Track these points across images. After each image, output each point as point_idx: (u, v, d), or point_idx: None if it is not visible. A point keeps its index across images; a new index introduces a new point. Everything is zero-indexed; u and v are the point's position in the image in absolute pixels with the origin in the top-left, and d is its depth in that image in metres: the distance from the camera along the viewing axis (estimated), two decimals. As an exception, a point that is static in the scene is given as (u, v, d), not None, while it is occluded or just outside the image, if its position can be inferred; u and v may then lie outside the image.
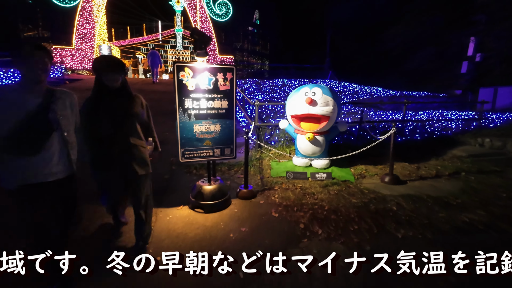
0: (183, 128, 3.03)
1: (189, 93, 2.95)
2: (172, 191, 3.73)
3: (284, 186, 3.88)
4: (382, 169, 4.59)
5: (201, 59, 2.90)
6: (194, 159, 3.18)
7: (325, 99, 3.88)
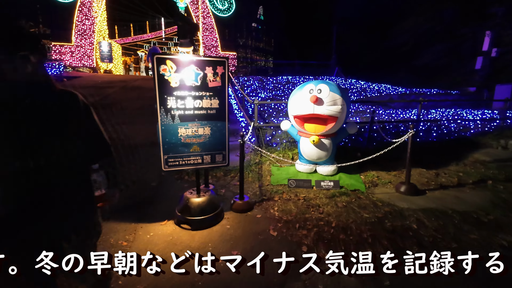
0: (165, 131, 2.59)
1: (172, 91, 2.51)
2: (159, 201, 3.30)
3: (285, 196, 3.43)
4: (396, 175, 4.10)
5: (185, 50, 2.45)
6: (180, 167, 2.74)
7: (333, 97, 3.40)
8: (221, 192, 3.60)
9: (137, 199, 3.29)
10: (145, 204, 3.19)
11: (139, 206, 3.13)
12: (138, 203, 3.21)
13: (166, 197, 3.39)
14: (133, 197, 3.35)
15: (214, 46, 16.32)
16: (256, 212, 3.08)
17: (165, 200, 3.31)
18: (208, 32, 16.20)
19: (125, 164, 4.27)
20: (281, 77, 14.79)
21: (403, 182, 3.60)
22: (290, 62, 19.06)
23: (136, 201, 3.25)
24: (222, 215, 2.97)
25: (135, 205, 3.16)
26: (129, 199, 3.30)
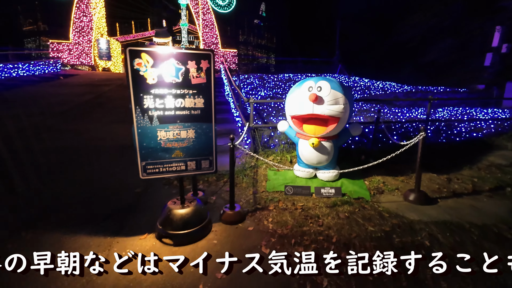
0: (143, 135, 2.27)
1: (149, 88, 2.19)
2: (141, 210, 3.00)
3: (281, 204, 3.10)
4: (404, 181, 3.75)
5: (161, 41, 2.12)
6: (160, 175, 2.43)
7: (334, 95, 3.06)
8: (211, 199, 3.29)
9: (116, 208, 2.99)
10: (125, 214, 2.88)
11: (118, 216, 2.83)
12: (117, 212, 2.91)
13: (150, 205, 3.09)
14: (111, 205, 3.05)
15: (214, 43, 15.98)
16: (248, 223, 2.77)
17: (149, 209, 3.01)
18: (208, 29, 15.86)
19: (108, 167, 3.98)
20: (283, 75, 14.42)
21: (412, 189, 3.25)
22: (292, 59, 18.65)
23: (115, 209, 2.95)
24: (210, 228, 2.66)
25: (113, 214, 2.86)
26: (107, 207, 3.01)
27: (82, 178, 3.68)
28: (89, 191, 3.37)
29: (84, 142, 4.94)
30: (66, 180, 3.62)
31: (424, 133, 3.03)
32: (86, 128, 5.67)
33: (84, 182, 3.57)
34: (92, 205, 3.06)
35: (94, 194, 3.29)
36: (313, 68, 17.11)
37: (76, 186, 3.46)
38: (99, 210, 2.95)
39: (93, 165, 4.11)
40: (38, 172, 3.75)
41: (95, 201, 3.14)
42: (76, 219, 2.75)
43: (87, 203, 3.08)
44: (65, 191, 3.33)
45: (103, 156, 4.38)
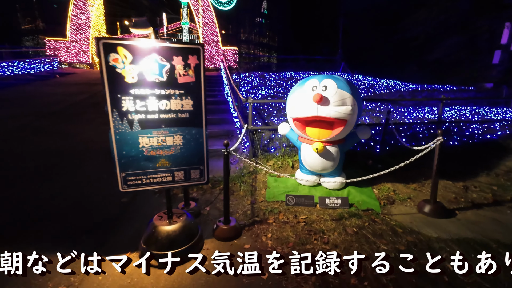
0: (122, 142, 1.97)
1: (128, 88, 1.89)
2: (127, 223, 2.71)
3: (282, 217, 2.80)
4: (417, 189, 3.43)
5: (140, 32, 1.81)
6: (143, 187, 2.13)
7: (341, 95, 2.74)
8: (204, 210, 2.99)
9: (98, 220, 2.70)
10: (107, 228, 2.59)
11: (99, 230, 2.54)
12: (99, 225, 2.62)
13: (136, 217, 2.79)
14: (94, 217, 2.76)
15: (215, 41, 15.65)
16: (245, 240, 2.47)
17: (135, 221, 2.71)
18: (208, 26, 15.52)
19: (95, 173, 3.69)
20: (284, 73, 14.08)
21: (427, 200, 2.93)
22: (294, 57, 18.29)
23: (97, 222, 2.66)
24: (201, 246, 2.36)
25: (94, 228, 2.57)
26: (89, 219, 2.71)
27: (66, 185, 3.39)
28: (72, 199, 3.08)
29: (73, 145, 4.65)
30: (48, 187, 3.33)
31: (441, 137, 2.71)
32: (76, 130, 5.38)
33: (67, 190, 3.29)
34: (73, 216, 2.77)
35: (77, 204, 3.01)
36: (315, 66, 16.75)
37: (58, 195, 3.17)
38: (79, 223, 2.66)
39: (79, 170, 3.82)
40: (18, 178, 3.47)
41: (77, 212, 2.85)
42: (51, 234, 2.46)
43: (67, 215, 2.79)
44: (45, 200, 3.05)
45: (91, 161, 4.10)
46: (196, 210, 2.88)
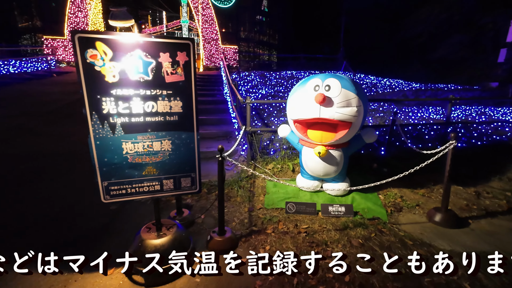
0: (103, 147, 1.78)
1: (109, 88, 1.69)
2: (114, 234, 2.51)
3: (282, 226, 2.60)
4: (425, 195, 3.23)
5: (119, 25, 1.61)
6: (128, 197, 1.94)
7: (346, 95, 2.54)
8: (199, 218, 2.80)
9: (84, 231, 2.51)
10: (93, 239, 2.40)
11: (84, 242, 2.35)
12: (84, 236, 2.43)
13: (125, 227, 2.60)
14: (79, 227, 2.56)
15: (214, 39, 15.43)
16: (241, 253, 2.27)
17: (123, 232, 2.52)
18: (207, 24, 15.30)
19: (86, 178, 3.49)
20: (285, 72, 13.86)
21: (438, 208, 2.73)
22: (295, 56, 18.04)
23: (83, 233, 2.47)
24: (193, 260, 2.17)
25: (78, 240, 2.38)
26: (74, 229, 2.52)
27: (53, 191, 3.20)
28: (58, 207, 2.89)
29: (65, 147, 4.46)
30: (34, 193, 3.15)
31: (455, 141, 2.50)
32: (70, 131, 5.19)
33: (54, 196, 3.10)
34: (57, 226, 2.58)
35: (63, 212, 2.82)
36: (316, 65, 16.49)
37: (43, 202, 2.98)
38: (63, 234, 2.46)
39: (69, 174, 3.63)
40: (3, 184, 3.28)
41: (62, 221, 2.66)
42: (31, 247, 2.26)
43: (51, 224, 2.60)
44: (29, 208, 2.86)
45: (82, 164, 3.90)
46: (189, 218, 2.69)
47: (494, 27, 13.19)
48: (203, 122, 5.81)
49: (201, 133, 5.21)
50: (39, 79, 10.47)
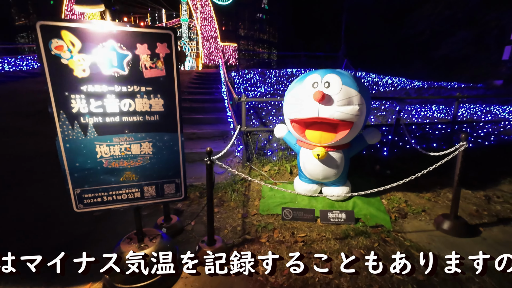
0: (73, 151, 1.58)
1: (79, 84, 1.49)
2: (95, 244, 2.32)
3: (277, 235, 2.41)
4: (431, 199, 3.02)
5: (86, 10, 1.41)
6: (105, 206, 1.74)
7: (347, 93, 2.33)
8: (189, 225, 2.60)
9: (62, 240, 2.32)
10: (70, 250, 2.20)
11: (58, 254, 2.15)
12: (62, 246, 2.23)
13: (107, 237, 2.41)
14: (58, 235, 2.37)
15: (213, 37, 15.21)
16: (232, 265, 2.07)
17: (104, 243, 2.32)
18: (206, 22, 15.08)
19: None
20: (285, 70, 13.63)
21: (446, 215, 2.53)
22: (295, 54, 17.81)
23: (60, 242, 2.28)
24: (179, 273, 1.97)
25: (55, 250, 2.18)
26: (52, 238, 2.33)
27: (36, 195, 3.01)
28: (39, 213, 2.70)
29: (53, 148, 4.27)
30: (16, 197, 2.96)
31: (465, 143, 2.29)
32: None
33: (36, 201, 2.91)
34: (33, 235, 2.39)
35: (43, 219, 2.63)
36: (317, 63, 16.26)
37: (24, 207, 2.80)
38: (39, 244, 2.28)
39: (55, 177, 3.44)
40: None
41: (40, 229, 2.47)
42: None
43: (27, 233, 2.42)
44: (6, 214, 2.67)
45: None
46: (178, 226, 2.50)
47: (498, 24, 12.93)
48: (199, 121, 5.62)
49: (197, 133, 5.02)
50: (34, 77, 10.27)
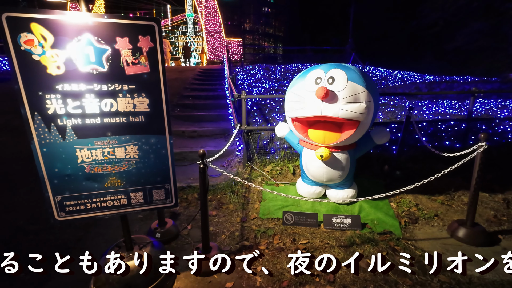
0: (51, 156, 1.45)
1: (53, 82, 1.36)
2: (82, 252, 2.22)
3: (277, 241, 2.26)
4: (445, 203, 2.81)
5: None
6: (89, 213, 1.62)
7: (353, 89, 2.14)
8: (185, 230, 2.48)
9: (46, 249, 2.22)
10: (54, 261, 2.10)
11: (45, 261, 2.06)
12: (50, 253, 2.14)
13: (96, 244, 2.30)
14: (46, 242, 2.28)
15: (218, 32, 14.99)
16: (227, 276, 1.94)
17: (94, 248, 2.22)
18: (210, 17, 14.86)
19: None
20: (290, 65, 13.34)
21: (462, 221, 2.33)
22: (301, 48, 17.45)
23: (48, 249, 2.18)
24: (170, 285, 1.85)
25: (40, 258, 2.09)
26: (39, 244, 2.24)
27: (26, 197, 2.93)
28: (27, 217, 2.62)
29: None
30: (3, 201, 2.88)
31: (485, 143, 2.08)
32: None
33: (25, 203, 2.82)
34: (19, 241, 2.30)
35: (31, 223, 2.54)
36: (323, 57, 15.88)
37: (12, 210, 2.72)
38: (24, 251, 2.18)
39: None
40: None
41: (28, 235, 2.38)
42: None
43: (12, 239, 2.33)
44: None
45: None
46: (173, 231, 2.37)
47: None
48: (201, 119, 5.49)
49: (198, 131, 4.89)
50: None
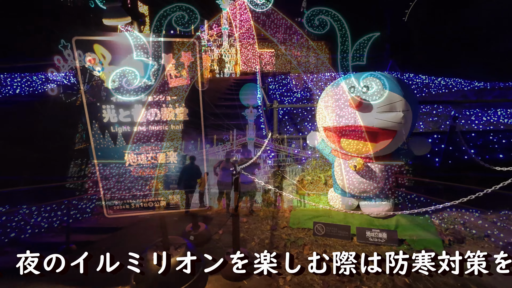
0: (104, 159, 1.64)
1: (109, 94, 1.55)
2: (126, 246, 2.40)
3: (307, 252, 2.23)
4: (499, 222, 2.54)
5: (113, 23, 1.44)
6: (132, 212, 1.77)
7: (389, 98, 2.08)
8: (216, 234, 2.56)
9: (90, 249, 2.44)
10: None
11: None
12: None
13: (137, 242, 2.48)
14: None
15: (251, 44, 15.43)
16: (257, 281, 1.96)
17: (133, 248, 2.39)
18: (244, 30, 15.37)
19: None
20: (323, 74, 13.18)
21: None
22: (332, 57, 17.14)
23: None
24: (201, 286, 1.92)
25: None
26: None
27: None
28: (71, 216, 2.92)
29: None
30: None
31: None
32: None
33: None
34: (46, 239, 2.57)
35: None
36: (358, 65, 15.44)
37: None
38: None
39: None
40: None
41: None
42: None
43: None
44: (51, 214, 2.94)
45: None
46: (205, 234, 2.47)
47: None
48: (234, 128, 5.66)
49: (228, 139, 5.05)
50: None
